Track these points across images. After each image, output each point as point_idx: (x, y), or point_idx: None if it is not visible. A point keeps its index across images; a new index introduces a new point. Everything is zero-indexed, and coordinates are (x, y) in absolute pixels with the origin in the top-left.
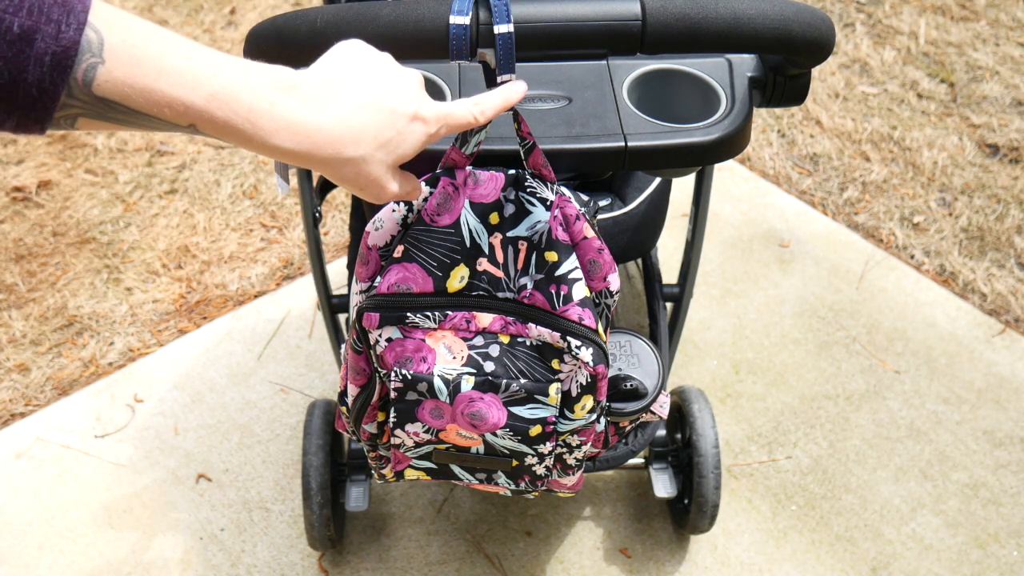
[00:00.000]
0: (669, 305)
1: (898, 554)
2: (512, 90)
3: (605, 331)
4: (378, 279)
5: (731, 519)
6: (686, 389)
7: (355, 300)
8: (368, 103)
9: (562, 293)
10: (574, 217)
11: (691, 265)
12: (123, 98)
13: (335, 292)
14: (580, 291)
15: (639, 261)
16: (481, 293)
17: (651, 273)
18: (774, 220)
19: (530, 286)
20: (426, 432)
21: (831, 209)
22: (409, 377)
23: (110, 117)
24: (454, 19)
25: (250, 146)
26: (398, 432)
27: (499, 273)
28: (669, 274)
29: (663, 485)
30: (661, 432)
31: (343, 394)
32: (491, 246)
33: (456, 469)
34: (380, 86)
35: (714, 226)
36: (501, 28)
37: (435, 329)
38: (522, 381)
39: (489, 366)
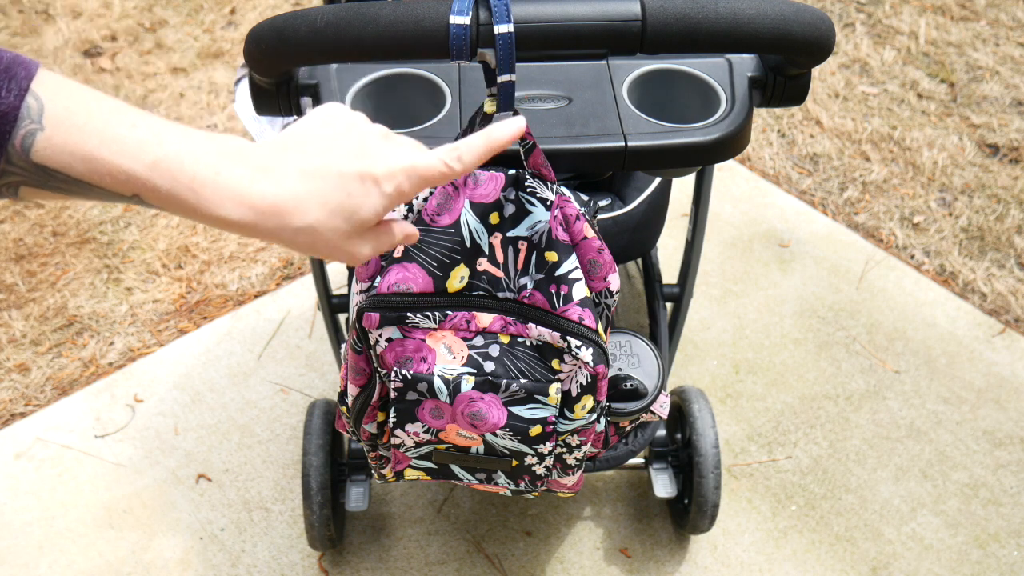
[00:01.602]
0: (669, 305)
1: (898, 554)
2: (501, 132)
3: (605, 331)
4: (378, 279)
5: (731, 519)
6: (686, 389)
7: (355, 300)
8: (314, 169)
9: (562, 293)
10: (574, 217)
11: (691, 265)
12: (63, 166)
13: (335, 292)
14: (580, 291)
15: (639, 261)
16: (481, 293)
17: (651, 273)
18: (774, 220)
19: (530, 286)
20: (426, 432)
21: (831, 209)
22: (409, 377)
23: (52, 186)
24: (454, 19)
25: (196, 217)
26: (398, 432)
27: (499, 273)
28: (669, 274)
29: (663, 485)
30: (661, 432)
31: (343, 394)
32: (491, 246)
33: (456, 469)
34: (329, 150)
35: (714, 226)
36: (501, 28)
37: (435, 329)
38: (522, 381)
39: (489, 366)
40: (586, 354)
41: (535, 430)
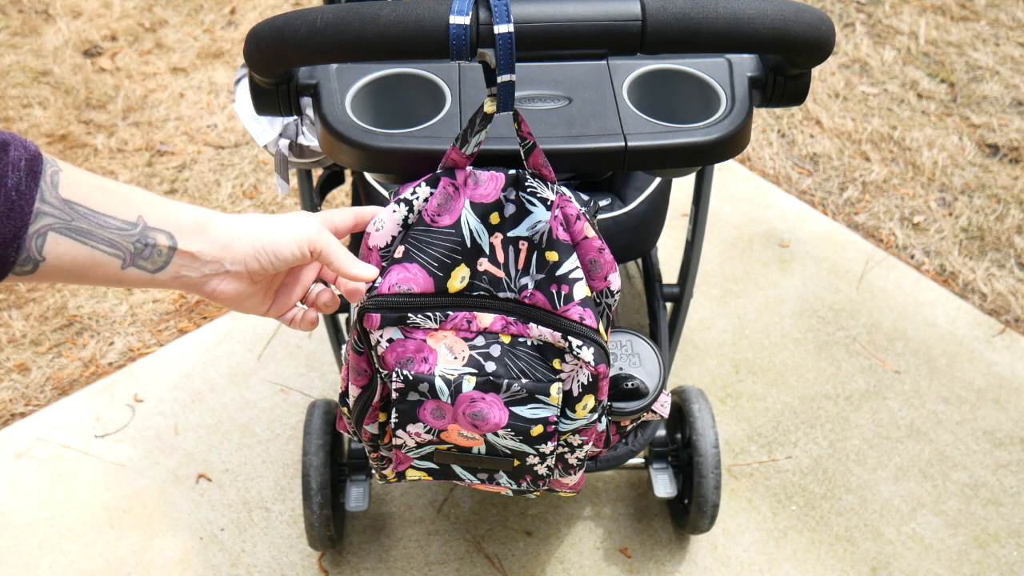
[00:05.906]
0: (669, 305)
1: (898, 554)
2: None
3: (606, 331)
4: (379, 279)
5: (731, 519)
6: (686, 389)
7: None
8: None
9: (563, 293)
10: (574, 217)
11: (691, 265)
12: (83, 198)
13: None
14: (581, 291)
15: (639, 261)
16: (482, 293)
17: (651, 273)
18: (774, 220)
19: (531, 286)
20: (427, 432)
21: (831, 209)
22: (410, 378)
23: (75, 227)
24: (454, 19)
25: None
26: (399, 433)
27: (500, 273)
28: (669, 274)
29: (663, 485)
30: (661, 432)
31: (344, 395)
32: (492, 246)
33: (457, 469)
34: None
35: (714, 226)
36: (501, 28)
37: (436, 329)
38: (523, 381)
39: (490, 366)
40: (587, 354)
41: (536, 430)
